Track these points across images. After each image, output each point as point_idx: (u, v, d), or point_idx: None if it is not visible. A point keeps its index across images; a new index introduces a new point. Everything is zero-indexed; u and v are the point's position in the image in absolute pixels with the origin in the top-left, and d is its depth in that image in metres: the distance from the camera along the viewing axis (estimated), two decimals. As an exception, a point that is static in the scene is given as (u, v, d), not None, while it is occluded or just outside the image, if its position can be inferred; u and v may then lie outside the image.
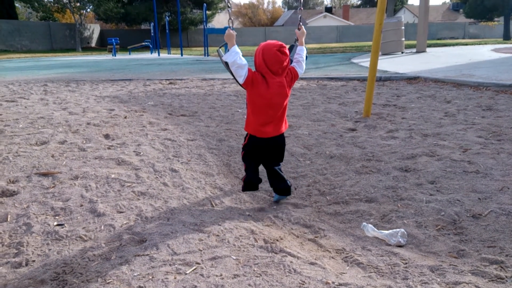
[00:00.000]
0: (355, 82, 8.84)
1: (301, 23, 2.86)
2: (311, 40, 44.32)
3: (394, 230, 2.23)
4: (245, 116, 2.69)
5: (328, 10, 65.09)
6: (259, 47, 2.47)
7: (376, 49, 4.84)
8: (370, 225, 2.30)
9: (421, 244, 2.15)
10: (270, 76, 2.44)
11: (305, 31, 2.82)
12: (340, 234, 2.31)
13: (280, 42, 2.43)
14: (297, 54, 2.73)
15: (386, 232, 2.22)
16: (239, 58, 2.40)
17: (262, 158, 2.72)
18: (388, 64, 11.57)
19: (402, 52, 15.97)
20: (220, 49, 2.67)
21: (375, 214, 2.53)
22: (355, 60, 14.31)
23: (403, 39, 16.05)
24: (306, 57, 2.82)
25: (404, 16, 19.34)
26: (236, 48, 2.43)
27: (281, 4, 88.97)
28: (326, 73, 10.13)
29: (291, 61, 2.73)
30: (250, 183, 2.76)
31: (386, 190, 2.85)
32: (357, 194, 2.83)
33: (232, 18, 2.59)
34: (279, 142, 2.65)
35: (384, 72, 9.69)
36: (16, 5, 40.06)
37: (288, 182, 2.76)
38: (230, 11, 2.65)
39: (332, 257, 2.05)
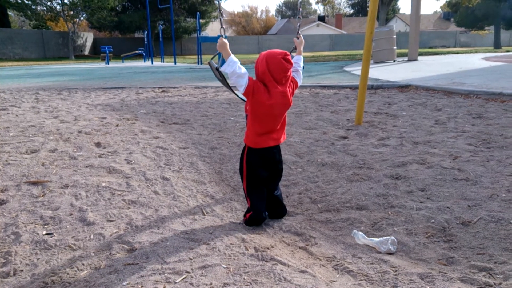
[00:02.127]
0: (347, 90, 8.89)
1: (299, 32, 2.85)
2: (304, 48, 44.42)
3: (385, 237, 2.23)
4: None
5: (321, 19, 65.63)
6: (262, 55, 2.38)
7: (367, 57, 4.89)
8: (360, 232, 2.31)
9: (411, 252, 2.16)
10: (273, 85, 2.34)
11: (303, 40, 2.81)
12: (331, 242, 2.31)
13: (284, 51, 2.36)
14: (295, 63, 2.66)
15: (377, 239, 2.23)
16: (238, 67, 2.31)
17: (266, 177, 2.54)
18: (380, 72, 11.67)
19: (394, 61, 16.12)
20: (212, 61, 2.58)
21: (366, 222, 2.53)
22: (347, 68, 14.42)
23: (395, 47, 16.22)
24: (303, 66, 2.84)
25: (396, 25, 19.59)
26: (233, 58, 2.35)
27: (274, 13, 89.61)
28: (319, 81, 10.19)
29: None
30: (258, 217, 2.51)
31: (377, 197, 2.86)
32: (348, 202, 2.83)
33: (224, 27, 2.54)
34: (279, 153, 2.58)
35: (376, 80, 9.77)
36: (9, 13, 39.97)
37: (285, 206, 2.71)
38: (222, 19, 2.63)
39: (323, 265, 2.05)
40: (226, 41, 2.39)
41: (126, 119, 5.84)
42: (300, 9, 3.08)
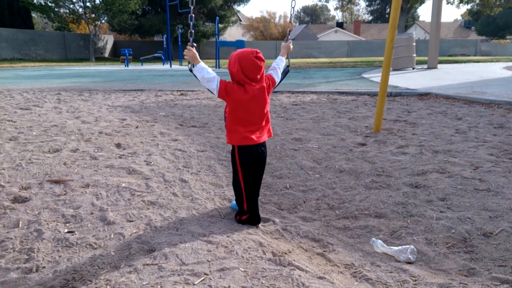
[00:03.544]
0: (366, 97, 8.84)
1: (289, 37, 2.89)
2: (322, 54, 44.52)
3: (404, 246, 2.21)
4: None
5: (340, 25, 65.44)
6: (233, 56, 2.41)
7: (387, 64, 4.86)
8: (379, 240, 2.29)
9: (431, 262, 2.13)
10: (249, 84, 2.40)
11: (291, 45, 2.86)
12: (349, 249, 2.30)
13: (254, 49, 2.40)
14: (275, 62, 2.74)
15: (396, 248, 2.21)
16: (206, 73, 2.42)
17: (257, 177, 2.60)
18: (399, 80, 11.57)
19: (413, 68, 15.97)
20: (191, 66, 2.62)
21: (384, 230, 2.52)
22: (365, 75, 14.33)
23: (414, 55, 16.07)
24: (288, 70, 2.85)
25: (416, 33, 19.38)
26: (202, 64, 2.46)
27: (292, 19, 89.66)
28: (337, 87, 10.15)
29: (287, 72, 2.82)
30: (257, 219, 2.58)
31: (396, 206, 2.84)
32: (366, 209, 2.82)
33: (192, 31, 2.61)
34: (266, 151, 2.59)
35: (394, 87, 9.69)
36: (33, 15, 40.94)
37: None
38: (192, 23, 2.65)
39: (341, 272, 2.04)
40: (194, 50, 2.50)
41: (146, 121, 5.92)
42: (292, 14, 3.09)
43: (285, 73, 2.84)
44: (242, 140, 2.46)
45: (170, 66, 25.62)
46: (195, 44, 2.59)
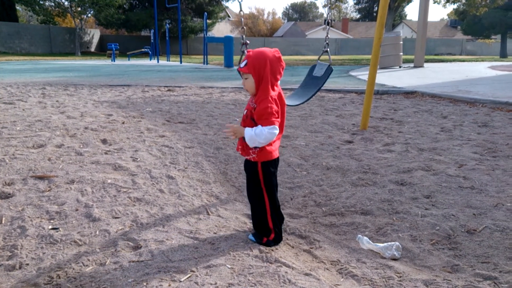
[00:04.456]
0: (353, 94, 8.90)
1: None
2: (310, 51, 44.65)
3: (389, 243, 2.23)
4: None
5: (328, 23, 65.59)
6: (260, 56, 2.09)
7: (374, 62, 4.89)
8: (365, 237, 2.31)
9: (416, 258, 2.16)
10: (274, 88, 2.15)
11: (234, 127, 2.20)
12: (335, 246, 2.32)
13: (275, 48, 2.18)
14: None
15: (381, 245, 2.23)
16: (268, 134, 2.05)
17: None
18: (386, 78, 11.67)
19: (400, 67, 16.11)
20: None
21: (370, 227, 2.54)
22: (353, 73, 14.42)
23: (401, 53, 16.21)
24: (332, 69, 2.69)
25: (403, 31, 19.57)
26: (252, 130, 2.08)
27: (281, 16, 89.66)
28: (325, 85, 10.18)
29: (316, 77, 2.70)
30: (280, 238, 2.32)
31: (381, 203, 2.86)
32: (353, 206, 2.84)
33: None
34: None
35: (381, 85, 9.76)
36: (17, 8, 40.15)
37: None
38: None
39: (327, 269, 2.05)
40: (234, 125, 2.17)
41: (132, 116, 5.86)
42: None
43: (328, 72, 2.76)
44: (271, 154, 2.19)
45: (158, 62, 25.41)
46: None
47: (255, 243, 2.25)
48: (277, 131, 2.10)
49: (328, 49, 3.52)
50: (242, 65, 2.12)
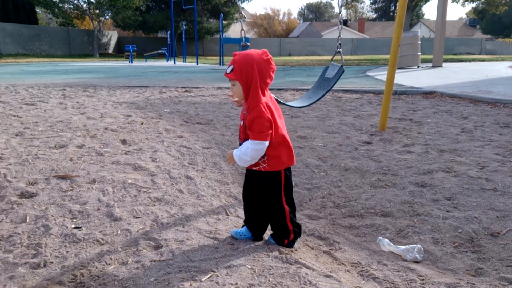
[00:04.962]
0: (370, 95, 8.82)
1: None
2: (325, 52, 44.42)
3: (411, 245, 2.21)
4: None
5: (344, 22, 65.26)
6: (246, 60, 1.94)
7: (393, 62, 4.84)
8: (386, 239, 2.29)
9: (438, 261, 2.13)
10: (266, 90, 2.04)
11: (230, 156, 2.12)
12: (355, 248, 2.30)
13: (262, 50, 2.02)
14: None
15: (403, 247, 2.21)
16: (255, 152, 1.98)
17: None
18: (404, 78, 11.53)
19: (418, 67, 15.91)
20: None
21: (391, 229, 2.51)
22: (370, 73, 14.30)
23: (419, 53, 16.00)
24: (343, 70, 2.69)
25: (420, 31, 19.29)
26: (239, 151, 2.02)
27: (296, 16, 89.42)
28: (341, 86, 10.12)
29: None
30: (299, 229, 2.29)
31: (402, 204, 2.83)
32: (372, 208, 2.81)
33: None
34: None
35: (399, 86, 9.65)
36: (37, 10, 41.00)
37: None
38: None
39: (348, 271, 2.04)
40: (228, 152, 2.11)
41: (151, 117, 5.93)
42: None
43: (340, 73, 2.75)
44: (287, 161, 2.10)
45: (174, 63, 25.62)
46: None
47: (275, 245, 2.25)
48: (263, 146, 1.97)
49: (340, 50, 3.50)
50: (228, 70, 1.97)
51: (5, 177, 3.23)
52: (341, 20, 3.24)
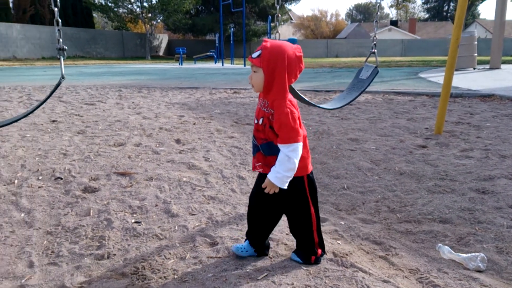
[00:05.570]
0: (424, 97, 8.53)
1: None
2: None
3: (473, 254, 2.12)
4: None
5: (394, 23, 63.54)
6: (275, 47, 1.77)
7: (451, 64, 4.67)
8: (446, 246, 2.21)
9: (503, 271, 2.03)
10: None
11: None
12: (413, 254, 2.24)
13: (295, 44, 1.86)
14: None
15: (464, 255, 2.12)
16: (292, 165, 1.79)
17: None
18: (460, 80, 11.05)
19: (474, 68, 15.19)
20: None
21: (450, 236, 2.42)
22: (422, 75, 13.82)
23: (476, 54, 15.28)
24: (377, 71, 2.70)
25: (476, 31, 18.36)
26: (278, 175, 1.79)
27: (344, 17, 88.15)
28: (392, 87, 9.87)
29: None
30: (324, 245, 2.13)
31: (462, 211, 2.72)
32: (430, 214, 2.72)
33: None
34: None
35: (455, 88, 9.25)
36: (94, 15, 43.13)
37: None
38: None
39: (406, 277, 1.99)
40: (265, 182, 1.85)
41: (202, 118, 6.07)
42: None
43: (374, 74, 2.71)
44: (309, 165, 1.97)
45: (222, 65, 26.03)
46: None
47: (327, 244, 2.21)
48: (298, 150, 1.78)
49: (375, 50, 3.40)
50: (254, 55, 1.79)
51: (69, 173, 3.43)
52: (377, 21, 3.18)
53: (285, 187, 1.82)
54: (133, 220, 2.56)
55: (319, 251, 2.05)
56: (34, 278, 1.95)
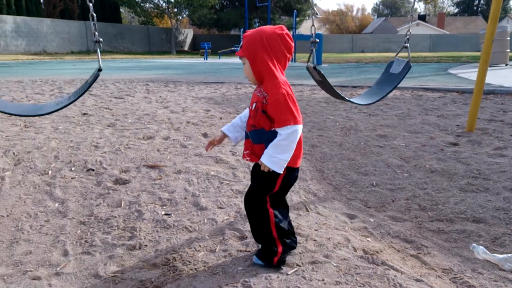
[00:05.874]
0: (454, 94, 8.31)
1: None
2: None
3: (509, 255, 2.06)
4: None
5: (422, 18, 62.11)
6: (253, 33, 1.75)
7: (485, 59, 4.52)
8: (481, 246, 2.15)
9: (541, 274, 1.96)
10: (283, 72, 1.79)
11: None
12: (446, 253, 2.19)
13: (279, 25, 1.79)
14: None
15: (500, 256, 2.06)
16: (289, 149, 1.76)
17: None
18: (492, 77, 10.70)
19: (506, 64, 14.69)
20: (308, 63, 2.30)
21: (484, 236, 2.36)
22: (452, 71, 13.47)
23: (508, 50, 14.77)
24: (410, 66, 2.66)
25: (509, 26, 17.69)
26: (277, 142, 1.74)
27: (370, 12, 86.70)
28: (421, 83, 9.65)
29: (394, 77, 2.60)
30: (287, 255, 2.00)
31: (496, 211, 2.64)
32: (463, 213, 2.66)
33: None
34: None
35: (487, 84, 8.94)
36: (121, 10, 43.83)
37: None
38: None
39: (439, 276, 1.95)
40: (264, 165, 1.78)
41: (228, 112, 6.10)
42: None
43: (407, 69, 2.64)
44: (298, 157, 1.89)
45: (247, 60, 26.01)
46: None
47: (357, 241, 2.20)
48: (297, 132, 1.72)
49: (407, 45, 3.31)
50: (238, 48, 1.83)
51: (101, 164, 3.50)
52: (413, 15, 3.09)
53: (281, 171, 1.76)
54: (163, 212, 2.60)
55: (280, 249, 1.90)
56: (69, 266, 2.01)
